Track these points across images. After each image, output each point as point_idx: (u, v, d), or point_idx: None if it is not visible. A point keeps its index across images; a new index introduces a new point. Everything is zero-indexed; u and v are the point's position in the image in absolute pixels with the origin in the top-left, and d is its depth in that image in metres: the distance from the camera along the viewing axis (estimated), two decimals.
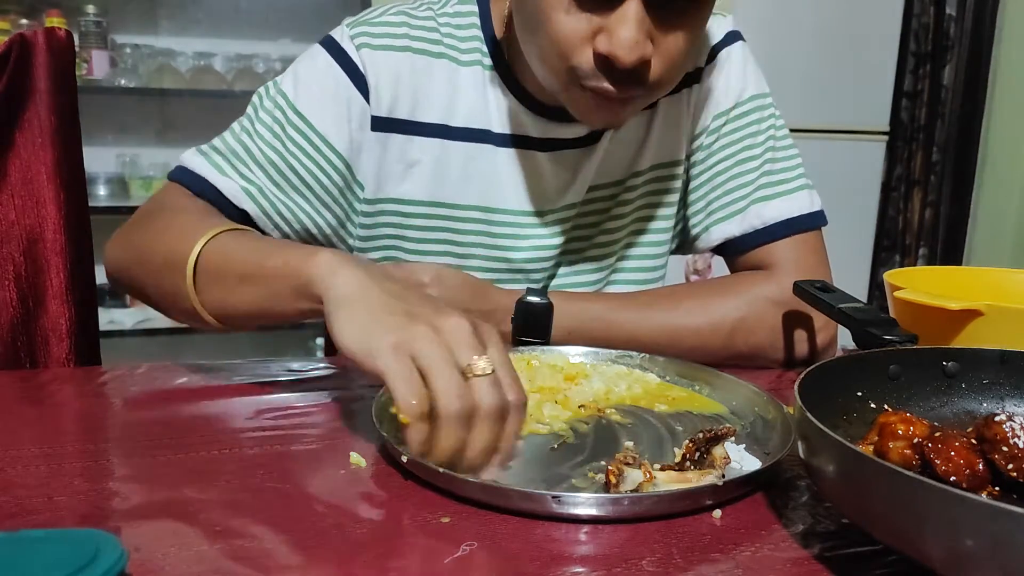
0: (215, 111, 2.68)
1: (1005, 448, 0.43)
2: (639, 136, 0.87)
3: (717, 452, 0.51)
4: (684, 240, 0.93)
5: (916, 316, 0.71)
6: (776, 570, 0.42)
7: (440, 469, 0.49)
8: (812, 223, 0.84)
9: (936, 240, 3.06)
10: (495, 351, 0.53)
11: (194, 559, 0.41)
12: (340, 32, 0.81)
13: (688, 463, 0.50)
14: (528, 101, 0.82)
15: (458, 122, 0.82)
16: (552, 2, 0.66)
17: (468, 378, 0.51)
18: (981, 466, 0.43)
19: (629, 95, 0.69)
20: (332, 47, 0.80)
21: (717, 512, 0.48)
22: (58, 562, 0.35)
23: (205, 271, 0.67)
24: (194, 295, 0.67)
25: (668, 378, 0.70)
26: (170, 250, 0.70)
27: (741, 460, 0.54)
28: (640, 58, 0.65)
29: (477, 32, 0.82)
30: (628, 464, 0.48)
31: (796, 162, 0.87)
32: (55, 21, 2.38)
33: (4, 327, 0.85)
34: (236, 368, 0.74)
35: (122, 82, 2.51)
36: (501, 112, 0.82)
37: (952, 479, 0.43)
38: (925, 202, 3.01)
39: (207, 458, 0.54)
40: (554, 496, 0.46)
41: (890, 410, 0.51)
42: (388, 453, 0.54)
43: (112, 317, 2.55)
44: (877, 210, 2.96)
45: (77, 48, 1.08)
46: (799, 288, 0.73)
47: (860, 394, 0.53)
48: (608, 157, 0.86)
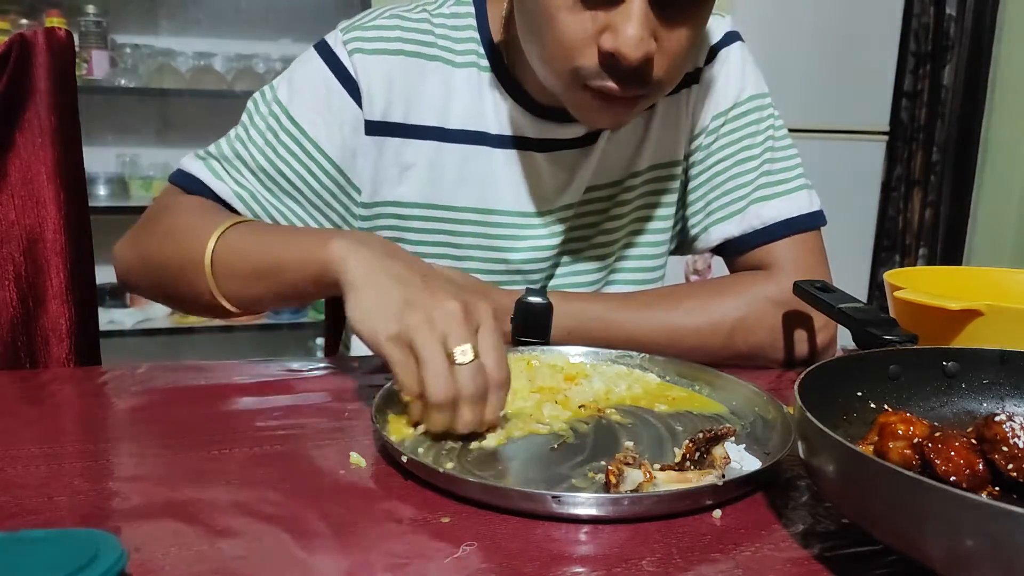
0: (215, 111, 2.68)
1: (1005, 448, 0.43)
2: (637, 136, 0.87)
3: (717, 452, 0.51)
4: (683, 240, 0.93)
5: (916, 316, 0.71)
6: (776, 570, 0.42)
7: (440, 469, 0.49)
8: (811, 223, 0.84)
9: (936, 240, 3.06)
10: (486, 333, 0.57)
11: (194, 559, 0.41)
12: (334, 37, 0.81)
13: (688, 463, 0.50)
14: (525, 102, 0.82)
15: (454, 124, 0.82)
16: (556, 1, 0.66)
17: (452, 365, 0.55)
18: (981, 466, 0.43)
19: (633, 94, 0.69)
20: (325, 52, 0.80)
21: (717, 512, 0.48)
22: (58, 562, 0.35)
23: (222, 268, 0.71)
24: (217, 292, 0.72)
25: (668, 378, 0.70)
26: (184, 251, 0.73)
27: (741, 460, 0.54)
28: (645, 55, 0.65)
29: (473, 33, 0.82)
30: (628, 464, 0.48)
31: (795, 162, 0.87)
32: (55, 21, 2.38)
33: (4, 327, 0.85)
34: (236, 368, 0.74)
35: (122, 82, 2.52)
36: (498, 113, 0.82)
37: (952, 479, 0.43)
38: (925, 202, 3.01)
39: (207, 458, 0.54)
40: (554, 496, 0.46)
41: (890, 410, 0.51)
42: (388, 453, 0.54)
43: (112, 317, 2.55)
44: (877, 210, 2.96)
45: (77, 48, 1.08)
46: (799, 288, 0.73)
47: (860, 394, 0.53)
48: (606, 157, 0.86)
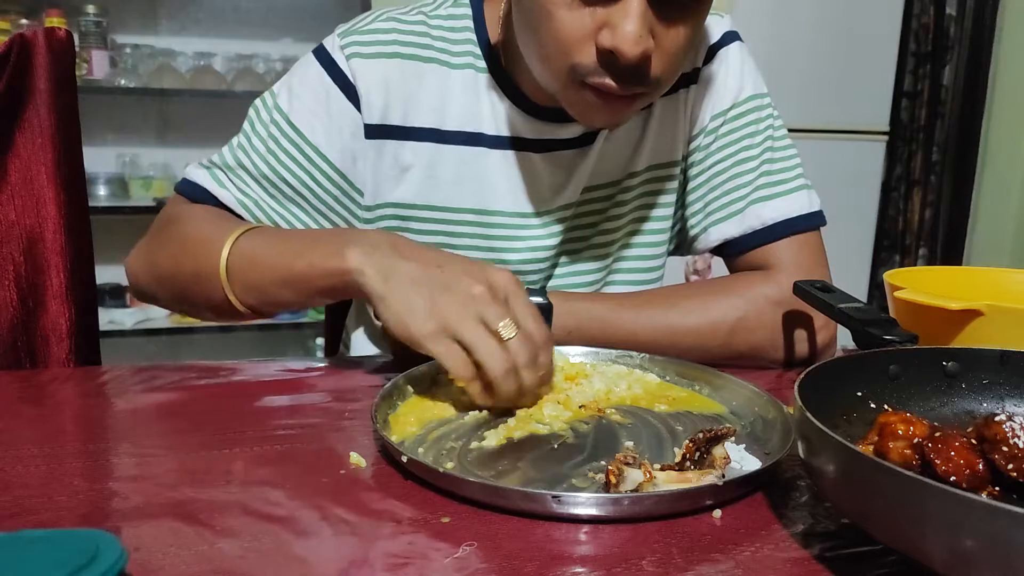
0: (215, 111, 2.68)
1: (1005, 448, 0.43)
2: (635, 137, 0.87)
3: (717, 452, 0.51)
4: (683, 241, 0.93)
5: (916, 316, 0.71)
6: (776, 570, 0.42)
7: (440, 469, 0.49)
8: (811, 223, 0.84)
9: (936, 240, 3.06)
10: (516, 301, 0.61)
11: (194, 559, 0.41)
12: (331, 42, 0.81)
13: (688, 463, 0.50)
14: (522, 102, 0.82)
15: (451, 125, 0.82)
16: None
17: (502, 341, 0.59)
18: (981, 466, 0.43)
19: (631, 92, 0.69)
20: (324, 58, 0.81)
21: (717, 512, 0.48)
22: (58, 562, 0.35)
23: (237, 277, 0.72)
24: (235, 300, 0.73)
25: (668, 378, 0.70)
26: (198, 261, 0.74)
27: (741, 460, 0.54)
28: (643, 52, 0.65)
29: (471, 35, 0.82)
30: (628, 464, 0.48)
31: (795, 162, 0.86)
32: (55, 21, 2.38)
33: (4, 327, 0.85)
34: (236, 368, 0.74)
35: (122, 82, 2.52)
36: (494, 114, 0.82)
37: (952, 479, 0.43)
38: (925, 202, 3.01)
39: (207, 458, 0.54)
40: (554, 496, 0.46)
41: (890, 410, 0.51)
42: (388, 453, 0.54)
43: (112, 317, 2.55)
44: (877, 210, 2.96)
45: (77, 48, 1.08)
46: (799, 288, 0.73)
47: (860, 394, 0.53)
48: (603, 158, 0.86)
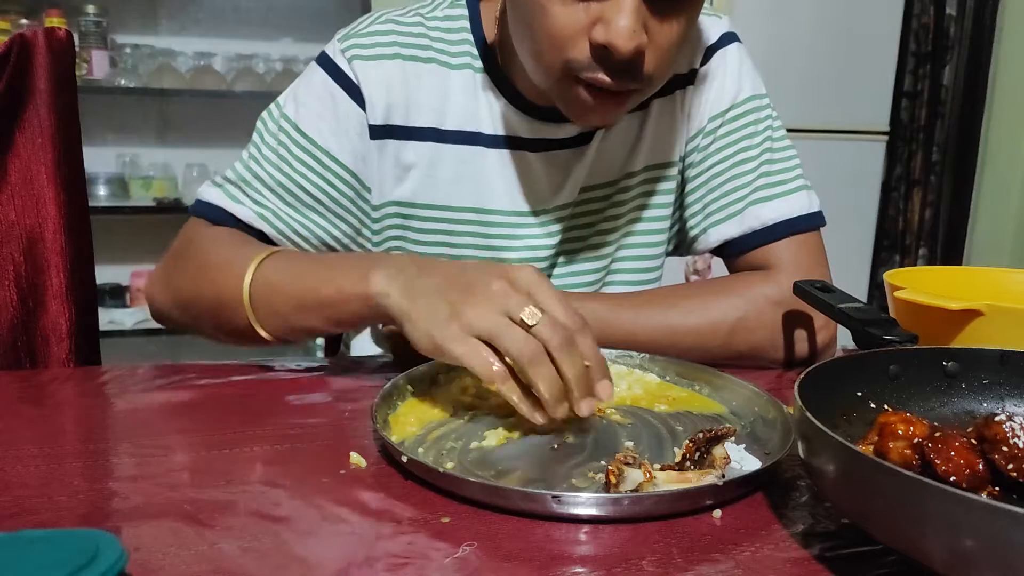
0: (215, 111, 2.68)
1: (1005, 448, 0.43)
2: (632, 137, 0.87)
3: (717, 452, 0.51)
4: (682, 242, 0.93)
5: (916, 316, 0.71)
6: (776, 570, 0.42)
7: (440, 469, 0.49)
8: (811, 223, 0.84)
9: (936, 240, 3.06)
10: (542, 293, 0.57)
11: (194, 559, 0.41)
12: (332, 48, 0.82)
13: (688, 463, 0.50)
14: (519, 102, 0.82)
15: (449, 125, 0.82)
16: None
17: (528, 329, 0.54)
18: (981, 466, 0.43)
19: (625, 88, 0.69)
20: (326, 64, 0.81)
21: (717, 512, 0.48)
22: (58, 562, 0.35)
23: (260, 304, 0.70)
24: (259, 327, 0.71)
25: (668, 378, 0.70)
26: (220, 288, 0.73)
27: (741, 460, 0.54)
28: (637, 47, 0.65)
29: (467, 36, 0.83)
30: (628, 464, 0.48)
31: (794, 163, 0.86)
32: (55, 21, 2.38)
33: (4, 327, 0.85)
34: (236, 368, 0.74)
35: (122, 82, 2.52)
36: (492, 114, 0.83)
37: (952, 479, 0.43)
38: (925, 202, 3.01)
39: (207, 458, 0.54)
40: (554, 496, 0.46)
41: (890, 410, 0.51)
42: (388, 453, 0.54)
43: (112, 317, 2.55)
44: (877, 210, 2.96)
45: (77, 48, 1.08)
46: (799, 288, 0.73)
47: (860, 394, 0.53)
48: (600, 158, 0.86)
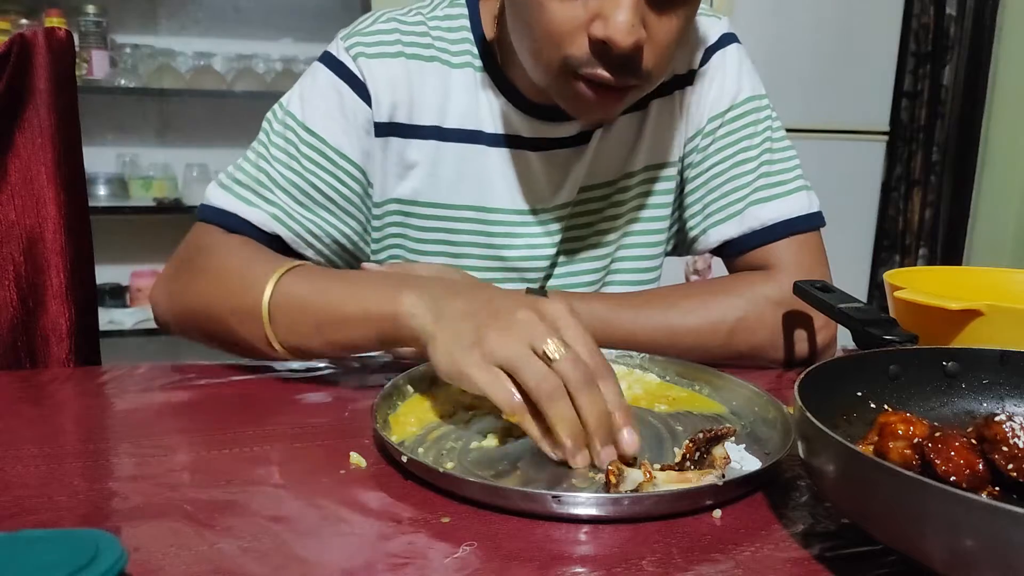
0: (215, 111, 2.68)
1: (1005, 448, 0.43)
2: (631, 137, 0.87)
3: (717, 452, 0.51)
4: (682, 242, 0.93)
5: (916, 316, 0.71)
6: (776, 570, 0.42)
7: (440, 469, 0.49)
8: (810, 224, 0.84)
9: (936, 240, 3.06)
10: (568, 328, 0.55)
11: (194, 559, 0.41)
12: (336, 46, 0.82)
13: (688, 463, 0.50)
14: (518, 101, 0.82)
15: (451, 123, 0.82)
16: None
17: (551, 364, 0.52)
18: (981, 466, 0.43)
19: (624, 84, 0.69)
20: (331, 62, 0.81)
21: (717, 512, 0.48)
22: (58, 562, 0.35)
23: (280, 319, 0.68)
24: (276, 342, 0.68)
25: (668, 378, 0.70)
26: (236, 299, 0.70)
27: (741, 460, 0.54)
28: (636, 42, 0.65)
29: (467, 34, 0.83)
30: (628, 464, 0.48)
31: (794, 163, 0.86)
32: (55, 21, 2.38)
33: (4, 327, 0.85)
34: (236, 368, 0.74)
35: (122, 82, 2.52)
36: (492, 112, 0.83)
37: (952, 479, 0.43)
38: (925, 202, 3.01)
39: (207, 458, 0.54)
40: (554, 496, 0.46)
41: (890, 410, 0.51)
42: (388, 453, 0.54)
43: (112, 317, 2.55)
44: (877, 210, 2.96)
45: (77, 48, 1.08)
46: (799, 288, 0.73)
47: (860, 394, 0.53)
48: (599, 157, 0.86)
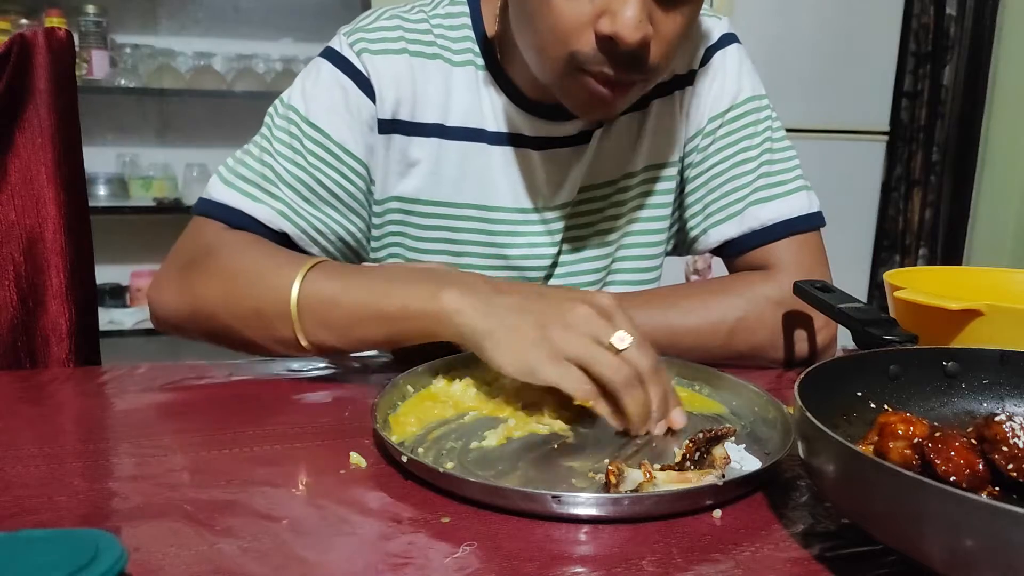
0: (215, 111, 2.68)
1: (1005, 448, 0.43)
2: (631, 137, 0.87)
3: (717, 452, 0.51)
4: (682, 242, 0.93)
5: (916, 316, 0.71)
6: (776, 570, 0.42)
7: (440, 469, 0.49)
8: (810, 224, 0.84)
9: (936, 240, 3.06)
10: (622, 322, 0.59)
11: (194, 559, 0.41)
12: (338, 42, 0.81)
13: (688, 463, 0.50)
14: (520, 99, 0.82)
15: (453, 122, 0.82)
16: None
17: (618, 353, 0.57)
18: (981, 466, 0.43)
19: (630, 79, 0.69)
20: (334, 57, 0.80)
21: (717, 512, 0.48)
22: (58, 562, 0.35)
23: (309, 316, 0.67)
24: (304, 339, 0.68)
25: None
26: (258, 301, 0.69)
27: (741, 460, 0.54)
28: (643, 38, 0.65)
29: (469, 32, 0.83)
30: (628, 464, 0.48)
31: (794, 163, 0.86)
32: (55, 21, 2.38)
33: (4, 327, 0.85)
34: (236, 368, 0.74)
35: (122, 82, 2.52)
36: (494, 111, 0.83)
37: (952, 479, 0.43)
38: (925, 202, 3.01)
39: (207, 458, 0.54)
40: (554, 496, 0.46)
41: (890, 410, 0.51)
42: (388, 453, 0.54)
43: (112, 317, 2.55)
44: (877, 210, 2.96)
45: (77, 48, 1.08)
46: (799, 288, 0.73)
47: (860, 394, 0.53)
48: (600, 157, 0.86)
